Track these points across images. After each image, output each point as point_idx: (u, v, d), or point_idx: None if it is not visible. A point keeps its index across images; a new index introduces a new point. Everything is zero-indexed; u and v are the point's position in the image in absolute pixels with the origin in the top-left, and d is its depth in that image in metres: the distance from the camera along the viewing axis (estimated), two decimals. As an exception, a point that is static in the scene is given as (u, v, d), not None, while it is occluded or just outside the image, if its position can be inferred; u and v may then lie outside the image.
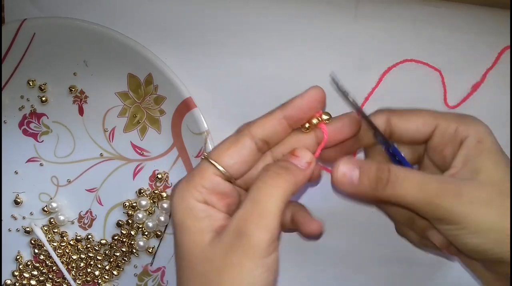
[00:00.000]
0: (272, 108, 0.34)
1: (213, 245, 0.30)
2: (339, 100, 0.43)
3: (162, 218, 0.45)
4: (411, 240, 0.39)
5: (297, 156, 0.33)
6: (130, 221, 0.46)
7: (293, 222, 0.37)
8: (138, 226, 0.46)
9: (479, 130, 0.33)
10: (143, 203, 0.45)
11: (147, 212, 0.46)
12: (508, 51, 0.42)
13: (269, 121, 0.33)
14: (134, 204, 0.45)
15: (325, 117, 0.34)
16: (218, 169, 0.32)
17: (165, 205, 0.45)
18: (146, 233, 0.46)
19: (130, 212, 0.46)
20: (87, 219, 0.47)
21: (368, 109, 0.43)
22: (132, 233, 0.46)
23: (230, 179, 0.33)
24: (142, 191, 0.45)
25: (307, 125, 0.34)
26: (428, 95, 0.43)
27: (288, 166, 0.32)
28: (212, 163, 0.32)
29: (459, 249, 0.33)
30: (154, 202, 0.46)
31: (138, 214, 0.45)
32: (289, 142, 0.35)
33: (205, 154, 0.33)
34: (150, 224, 0.46)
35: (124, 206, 0.46)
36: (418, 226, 0.37)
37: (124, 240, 0.46)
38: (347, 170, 0.33)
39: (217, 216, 0.32)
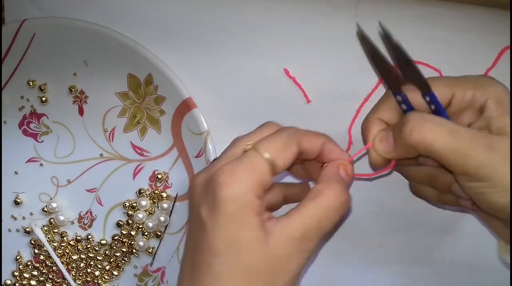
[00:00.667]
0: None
1: (271, 243, 0.30)
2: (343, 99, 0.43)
3: (162, 218, 0.45)
4: (428, 197, 0.39)
5: (348, 174, 0.35)
6: (130, 221, 0.46)
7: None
8: (138, 226, 0.46)
9: (496, 91, 0.33)
10: (143, 203, 0.45)
11: (147, 212, 0.46)
12: (508, 51, 0.42)
13: (315, 138, 0.35)
14: (134, 204, 0.45)
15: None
16: (268, 158, 0.32)
17: (165, 205, 0.45)
18: (146, 233, 0.46)
19: (130, 212, 0.46)
20: (87, 219, 0.47)
21: (368, 109, 0.43)
22: (132, 233, 0.46)
23: (275, 172, 0.32)
24: (142, 191, 0.45)
25: None
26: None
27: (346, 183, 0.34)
28: (262, 154, 0.32)
29: (483, 208, 0.32)
30: (154, 202, 0.46)
31: (138, 214, 0.45)
32: (309, 137, 0.35)
33: (251, 145, 0.33)
34: (150, 224, 0.46)
35: (124, 206, 0.46)
36: (441, 181, 0.36)
37: (124, 240, 0.46)
38: (383, 134, 0.35)
39: (265, 213, 0.32)
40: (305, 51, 0.43)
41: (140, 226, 0.46)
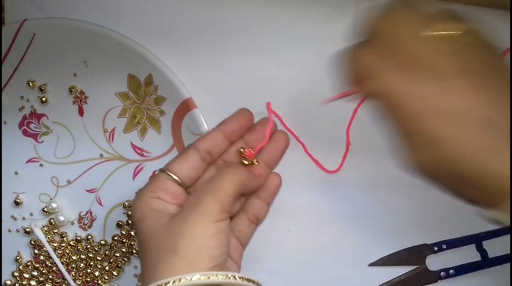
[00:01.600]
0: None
1: (171, 220, 0.35)
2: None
3: None
4: None
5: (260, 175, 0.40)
6: (130, 222, 0.46)
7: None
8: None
9: None
10: None
11: None
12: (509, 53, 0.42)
13: (210, 136, 0.40)
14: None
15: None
16: (168, 174, 0.38)
17: None
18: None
19: (130, 213, 0.46)
20: (87, 220, 0.47)
21: (368, 110, 0.43)
22: (132, 233, 0.46)
23: (180, 183, 0.38)
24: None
25: (246, 162, 0.40)
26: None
27: (246, 167, 0.39)
28: (163, 171, 0.38)
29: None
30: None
31: None
32: (205, 139, 0.40)
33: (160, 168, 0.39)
34: None
35: (124, 207, 0.46)
36: None
37: (124, 240, 0.46)
38: None
39: (171, 207, 0.37)
40: (305, 52, 0.43)
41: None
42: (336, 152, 0.44)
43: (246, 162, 0.40)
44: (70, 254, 0.47)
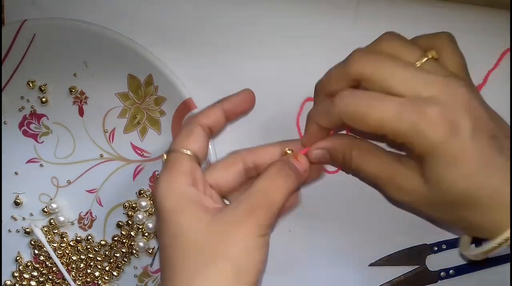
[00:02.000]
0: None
1: (215, 219, 0.32)
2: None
3: None
4: None
5: (299, 162, 0.37)
6: (130, 222, 0.46)
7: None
8: (138, 226, 0.46)
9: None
10: (143, 204, 0.45)
11: (147, 213, 0.46)
12: (509, 52, 0.42)
13: (212, 112, 0.38)
14: (134, 205, 0.45)
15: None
16: (188, 154, 0.35)
17: None
18: (146, 234, 0.46)
19: (130, 213, 0.46)
20: (87, 220, 0.47)
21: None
22: (132, 233, 0.46)
23: (199, 162, 0.36)
24: (142, 192, 0.45)
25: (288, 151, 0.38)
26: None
27: (294, 168, 0.36)
28: (182, 152, 0.35)
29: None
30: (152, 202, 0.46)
31: (138, 215, 0.45)
32: (257, 152, 0.39)
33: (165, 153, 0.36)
34: (150, 225, 0.46)
35: (124, 207, 0.46)
36: None
37: (124, 241, 0.46)
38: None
39: (206, 199, 0.34)
40: (305, 52, 0.43)
41: (140, 227, 0.46)
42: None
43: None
44: (70, 254, 0.47)
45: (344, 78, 0.34)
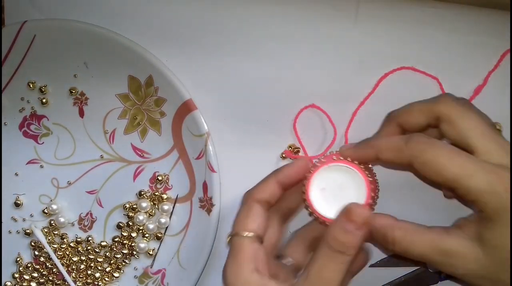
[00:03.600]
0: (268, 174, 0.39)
1: None
2: (338, 102, 0.43)
3: (162, 220, 0.45)
4: None
5: (353, 220, 0.33)
6: (130, 223, 0.46)
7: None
8: (138, 228, 0.46)
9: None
10: (144, 205, 0.45)
11: (148, 214, 0.46)
12: (509, 53, 0.42)
13: (266, 186, 0.37)
14: (135, 206, 0.45)
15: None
16: (249, 236, 0.35)
17: (165, 207, 0.45)
18: (147, 235, 0.46)
19: (130, 214, 0.46)
20: (87, 221, 0.47)
21: (367, 112, 0.43)
22: (133, 235, 0.46)
23: (261, 240, 0.36)
24: (142, 193, 0.45)
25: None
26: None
27: (345, 240, 0.33)
28: (243, 235, 0.35)
29: None
30: (154, 204, 0.46)
31: (139, 216, 0.45)
32: (289, 198, 0.39)
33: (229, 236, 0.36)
34: (151, 226, 0.45)
35: (125, 208, 0.46)
36: None
37: (125, 242, 0.46)
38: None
39: (270, 283, 0.34)
40: (305, 53, 0.43)
41: (141, 228, 0.46)
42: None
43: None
44: (70, 255, 0.46)
45: (427, 114, 0.35)
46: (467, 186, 0.31)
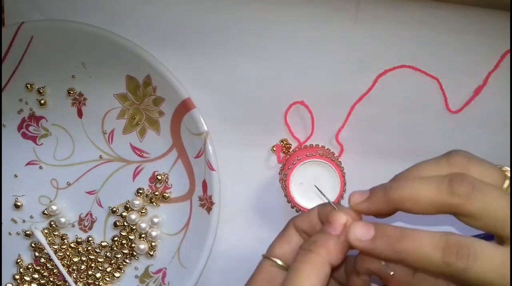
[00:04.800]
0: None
1: None
2: (340, 105, 0.43)
3: (155, 220, 0.45)
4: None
5: (330, 222, 0.32)
6: (125, 223, 0.46)
7: None
8: (131, 227, 0.46)
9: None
10: (136, 202, 0.45)
11: (139, 213, 0.46)
12: (509, 54, 0.42)
13: (308, 215, 0.34)
14: (128, 205, 0.45)
15: None
16: (272, 259, 0.34)
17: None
18: (143, 235, 0.46)
19: (124, 214, 0.46)
20: (87, 221, 0.47)
21: (367, 113, 0.43)
22: (131, 237, 0.46)
23: (285, 267, 0.34)
24: (140, 191, 0.45)
25: None
26: (428, 101, 0.43)
27: (317, 238, 0.31)
28: (267, 257, 0.34)
29: None
30: (152, 202, 0.46)
31: (131, 215, 0.45)
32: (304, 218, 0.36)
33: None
34: (143, 225, 0.46)
35: (125, 208, 0.46)
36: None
37: (124, 242, 0.46)
38: None
39: None
40: (304, 53, 0.43)
41: (134, 227, 0.46)
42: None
43: None
44: (70, 256, 0.46)
45: (440, 208, 0.29)
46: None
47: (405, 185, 0.29)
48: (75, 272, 0.47)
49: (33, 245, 0.47)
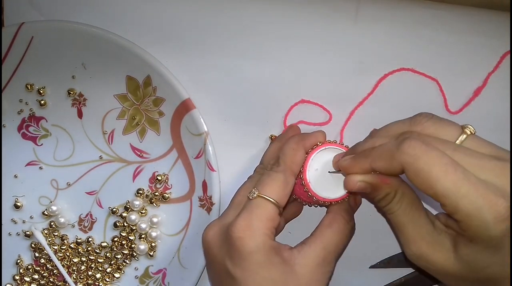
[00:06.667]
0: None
1: (302, 272, 0.35)
2: (340, 101, 0.43)
3: (154, 220, 0.45)
4: None
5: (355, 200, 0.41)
6: (125, 223, 0.46)
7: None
8: (131, 228, 0.46)
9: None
10: (136, 203, 0.45)
11: (139, 213, 0.46)
12: (509, 55, 0.42)
13: (298, 155, 0.38)
14: (128, 206, 0.45)
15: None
16: (273, 203, 0.35)
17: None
18: (143, 236, 0.46)
19: (124, 214, 0.46)
20: (87, 222, 0.47)
21: (367, 114, 0.43)
22: (131, 238, 0.46)
23: (281, 210, 0.36)
24: (140, 191, 0.45)
25: None
26: (428, 101, 0.43)
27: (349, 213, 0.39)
28: (269, 200, 0.35)
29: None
30: (151, 203, 0.46)
31: (131, 216, 0.45)
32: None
33: (256, 193, 0.36)
34: (143, 225, 0.45)
35: (125, 208, 0.46)
36: None
37: (124, 242, 0.46)
38: None
39: (283, 247, 0.36)
40: (305, 53, 0.43)
41: (134, 228, 0.46)
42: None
43: None
44: (70, 256, 0.46)
45: (390, 163, 0.31)
46: (456, 205, 0.29)
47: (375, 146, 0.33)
48: (75, 272, 0.47)
49: (33, 245, 0.47)
